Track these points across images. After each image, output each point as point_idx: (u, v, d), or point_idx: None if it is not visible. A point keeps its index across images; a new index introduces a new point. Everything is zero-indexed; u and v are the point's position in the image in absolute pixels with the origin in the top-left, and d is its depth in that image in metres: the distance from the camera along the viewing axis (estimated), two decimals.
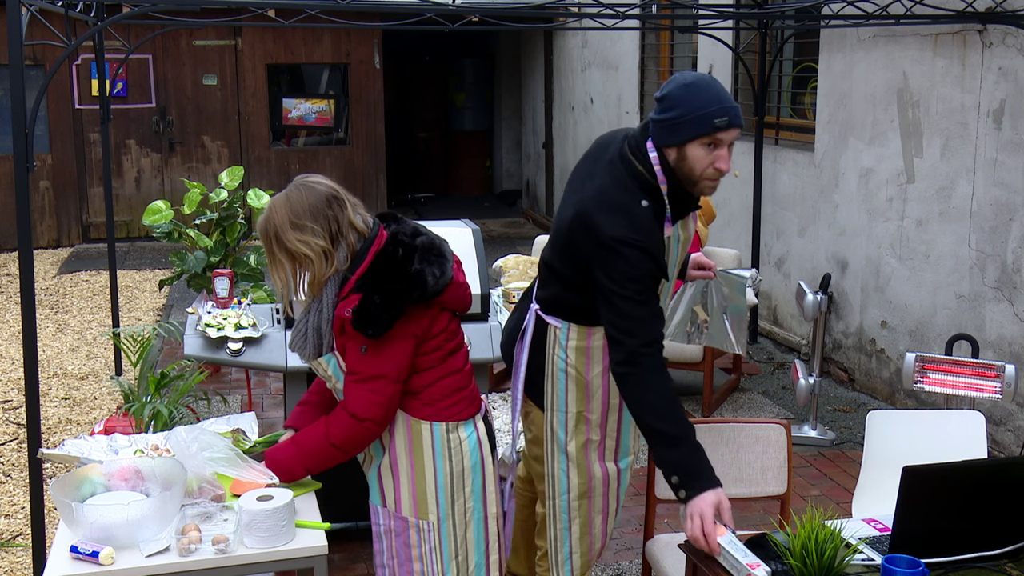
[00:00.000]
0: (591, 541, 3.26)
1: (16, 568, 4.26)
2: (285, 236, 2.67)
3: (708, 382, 5.95)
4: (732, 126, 2.80)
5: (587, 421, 3.13)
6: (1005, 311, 5.27)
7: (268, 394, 6.37)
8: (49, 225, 11.39)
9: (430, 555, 2.85)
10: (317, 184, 2.73)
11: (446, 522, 2.84)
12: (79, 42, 4.37)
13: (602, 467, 3.19)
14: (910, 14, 5.48)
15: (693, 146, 2.80)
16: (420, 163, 15.30)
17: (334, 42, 11.86)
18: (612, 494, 3.24)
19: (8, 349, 7.30)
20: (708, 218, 6.45)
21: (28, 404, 3.88)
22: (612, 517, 3.29)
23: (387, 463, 2.82)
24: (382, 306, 2.63)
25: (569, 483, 3.20)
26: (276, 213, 2.70)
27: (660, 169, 2.86)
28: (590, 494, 3.21)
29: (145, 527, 2.53)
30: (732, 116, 2.79)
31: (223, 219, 6.66)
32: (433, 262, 2.71)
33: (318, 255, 2.67)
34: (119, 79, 11.14)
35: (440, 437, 2.80)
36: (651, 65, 9.84)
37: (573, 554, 3.26)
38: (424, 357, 2.76)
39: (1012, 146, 5.19)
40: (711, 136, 2.79)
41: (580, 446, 3.16)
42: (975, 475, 2.54)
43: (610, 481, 3.22)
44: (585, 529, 3.24)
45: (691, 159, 2.82)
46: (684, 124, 2.78)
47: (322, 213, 2.68)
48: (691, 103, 2.77)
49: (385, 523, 2.86)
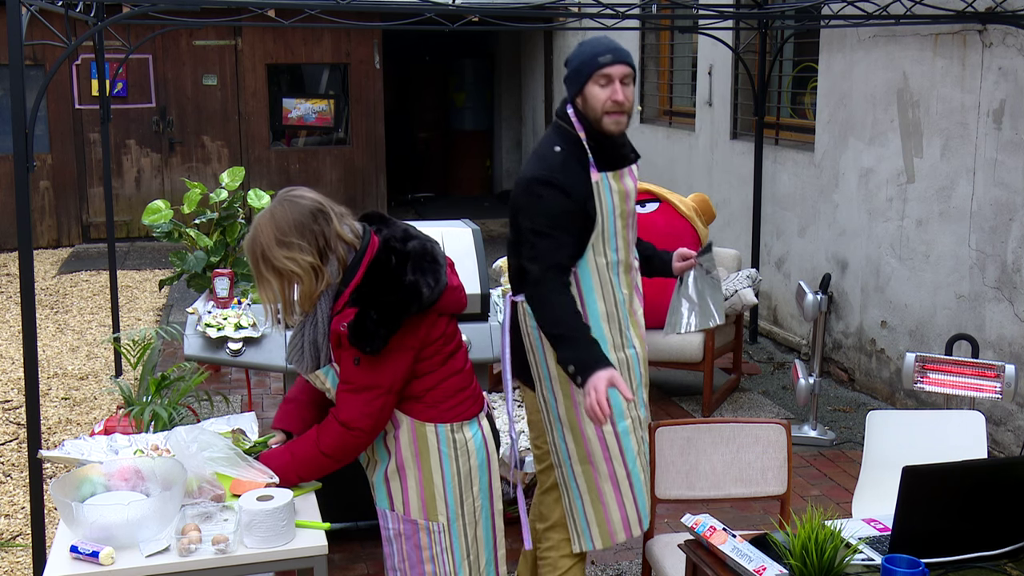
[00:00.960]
0: (605, 510, 3.30)
1: (16, 568, 4.26)
2: (272, 254, 2.63)
3: (708, 382, 5.95)
4: (617, 62, 3.12)
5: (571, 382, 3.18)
6: (1005, 311, 5.27)
7: (268, 394, 6.38)
8: (49, 225, 11.39)
9: (442, 556, 2.83)
10: (301, 199, 2.68)
11: (456, 522, 2.83)
12: (79, 42, 4.37)
13: (596, 429, 3.25)
14: (910, 14, 5.48)
15: (590, 87, 3.13)
16: (420, 163, 15.30)
17: (334, 42, 11.86)
18: (616, 459, 3.27)
19: (8, 349, 7.30)
20: (708, 218, 6.45)
21: (28, 404, 3.88)
22: (627, 484, 3.29)
23: (393, 467, 2.81)
24: (379, 321, 2.60)
25: (568, 449, 3.29)
26: (262, 231, 2.65)
27: (576, 120, 3.18)
28: (590, 459, 3.27)
29: (145, 527, 2.53)
30: (616, 54, 3.13)
31: (223, 219, 6.66)
32: (427, 270, 2.68)
33: (306, 271, 2.63)
34: (119, 79, 11.14)
35: (446, 438, 2.79)
36: (651, 65, 9.84)
37: (590, 523, 3.32)
38: (424, 362, 2.75)
39: (1012, 146, 5.19)
40: (601, 73, 3.11)
41: (570, 408, 3.25)
42: (975, 475, 2.54)
43: (608, 445, 3.26)
44: (595, 496, 3.29)
45: (591, 99, 3.14)
46: (578, 71, 3.16)
47: (308, 228, 2.64)
48: (581, 53, 3.16)
49: (394, 527, 2.85)
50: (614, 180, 3.21)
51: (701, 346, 5.91)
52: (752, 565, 2.45)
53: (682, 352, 5.94)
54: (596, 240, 3.18)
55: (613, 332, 3.26)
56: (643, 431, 3.34)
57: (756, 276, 6.08)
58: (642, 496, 3.32)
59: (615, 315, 3.26)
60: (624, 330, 3.29)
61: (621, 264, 3.26)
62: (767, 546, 2.58)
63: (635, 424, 3.30)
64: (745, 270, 6.07)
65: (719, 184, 8.24)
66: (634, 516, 3.32)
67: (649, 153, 9.69)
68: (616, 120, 3.14)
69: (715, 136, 8.30)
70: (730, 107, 8.03)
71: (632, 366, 3.31)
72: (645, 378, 3.37)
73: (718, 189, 8.23)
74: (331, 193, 3.81)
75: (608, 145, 3.20)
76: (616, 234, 3.23)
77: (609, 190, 3.20)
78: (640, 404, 3.33)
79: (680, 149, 9.01)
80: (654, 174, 9.37)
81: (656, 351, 6.01)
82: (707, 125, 8.43)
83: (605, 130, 3.15)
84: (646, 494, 3.33)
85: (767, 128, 7.51)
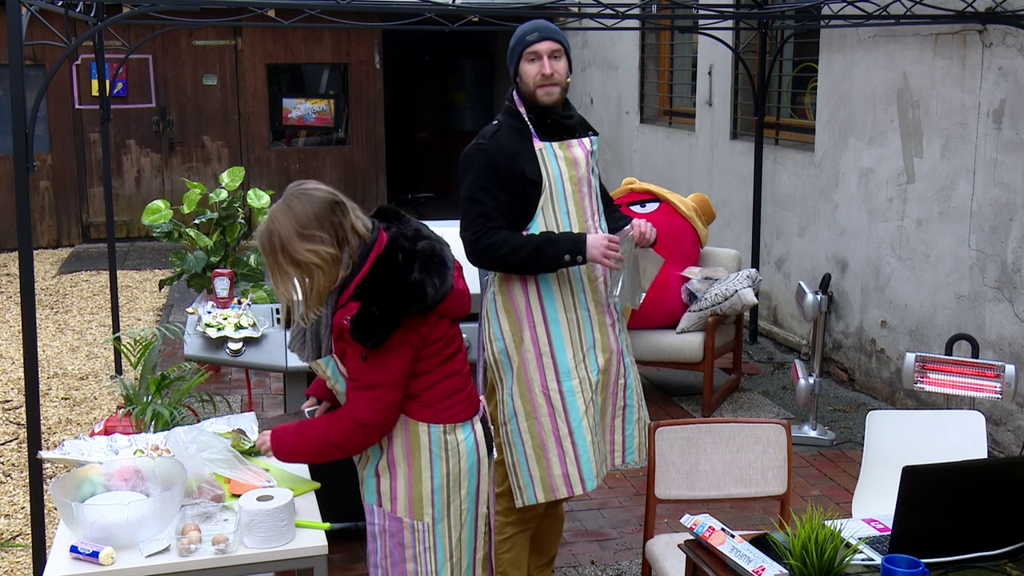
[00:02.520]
0: (548, 465, 3.42)
1: (16, 568, 4.26)
2: (293, 247, 2.62)
3: (708, 382, 5.95)
4: (543, 39, 3.39)
5: (521, 340, 3.41)
6: (1005, 311, 5.27)
7: (268, 394, 6.37)
8: (49, 225, 11.39)
9: (424, 555, 2.84)
10: (315, 191, 2.69)
11: (441, 523, 2.83)
12: (79, 42, 4.37)
13: (543, 386, 3.40)
14: (910, 14, 5.48)
15: (522, 65, 3.42)
16: (420, 163, 15.30)
17: (334, 42, 11.86)
18: (560, 417, 3.41)
19: (8, 349, 7.30)
20: (708, 218, 6.45)
21: (28, 404, 3.88)
22: (570, 442, 3.41)
23: (384, 463, 2.82)
24: (380, 317, 2.61)
25: (515, 405, 3.43)
26: (280, 224, 2.64)
27: (517, 97, 3.46)
28: (535, 414, 3.41)
29: (145, 527, 2.53)
30: (542, 31, 3.41)
31: (223, 219, 6.66)
32: (433, 271, 2.68)
33: (327, 263, 2.63)
34: (119, 79, 11.14)
35: (438, 439, 2.80)
36: (651, 65, 9.84)
37: (533, 478, 3.44)
38: (423, 362, 2.75)
39: (1012, 146, 5.19)
40: (529, 51, 3.39)
41: (520, 365, 3.41)
42: (975, 475, 2.54)
43: (554, 403, 3.40)
44: (540, 451, 3.42)
45: (524, 75, 3.42)
46: (511, 52, 3.45)
47: (327, 220, 2.64)
48: (515, 35, 3.45)
49: (380, 523, 2.86)
50: (559, 148, 3.44)
51: (701, 346, 5.91)
52: (751, 566, 2.45)
53: (682, 352, 5.94)
54: (545, 203, 3.41)
55: (565, 297, 3.44)
56: (593, 393, 3.45)
57: (756, 276, 6.08)
58: (586, 456, 3.43)
59: (566, 278, 3.44)
60: (576, 293, 3.45)
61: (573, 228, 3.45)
62: (767, 546, 2.58)
63: (583, 385, 3.43)
64: (745, 270, 6.07)
65: (719, 184, 8.24)
66: (575, 474, 3.42)
67: (649, 153, 9.69)
68: (548, 91, 3.39)
69: (715, 136, 8.30)
70: (730, 107, 8.03)
71: (583, 327, 3.46)
72: (601, 342, 3.49)
73: (718, 189, 8.24)
74: None
75: (549, 117, 3.44)
76: (567, 199, 3.45)
77: (554, 156, 3.42)
78: (593, 367, 3.46)
79: (680, 149, 9.01)
80: (654, 174, 9.37)
81: (656, 351, 6.01)
82: (707, 125, 8.43)
83: (540, 102, 3.40)
84: (592, 456, 3.43)
85: (767, 128, 7.51)
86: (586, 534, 4.57)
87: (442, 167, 15.34)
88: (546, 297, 3.41)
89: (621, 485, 5.08)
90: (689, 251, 6.28)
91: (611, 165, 10.51)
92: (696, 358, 5.92)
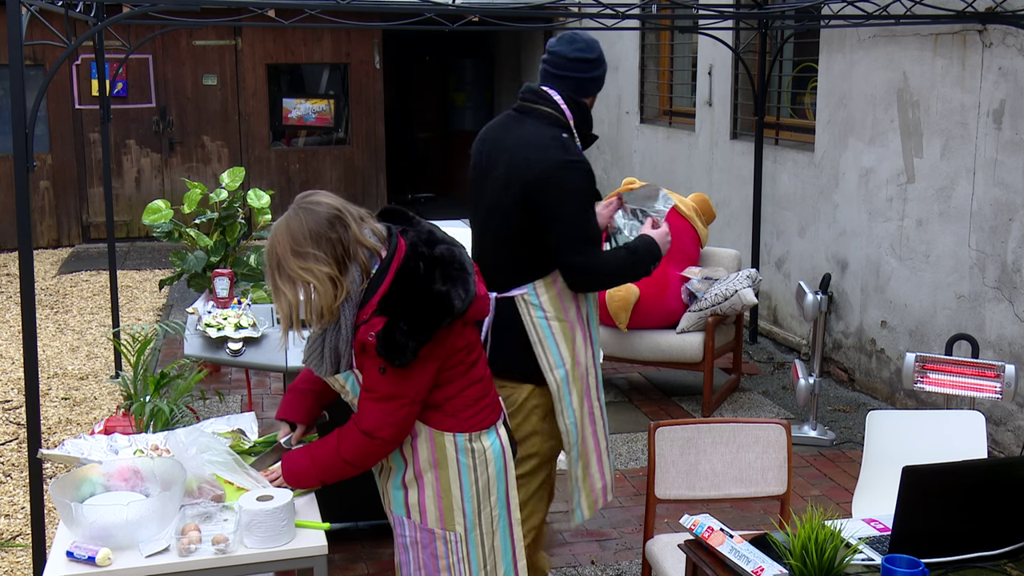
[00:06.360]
0: (591, 481, 3.55)
1: (16, 568, 4.26)
2: (287, 265, 2.56)
3: (708, 382, 5.95)
4: None
5: (577, 363, 3.41)
6: (1005, 311, 5.27)
7: (268, 394, 6.37)
8: (49, 225, 11.39)
9: (458, 566, 2.80)
10: (316, 206, 2.60)
11: (473, 532, 2.79)
12: (79, 42, 4.36)
13: (588, 404, 3.47)
14: (910, 14, 5.48)
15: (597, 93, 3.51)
16: (420, 163, 15.30)
17: (334, 42, 11.86)
18: (600, 432, 3.55)
19: (8, 349, 7.30)
20: (708, 218, 6.45)
21: (28, 404, 3.88)
22: (605, 454, 3.58)
23: (411, 475, 2.77)
24: (409, 333, 2.53)
25: (577, 433, 3.46)
26: (278, 241, 2.58)
27: (567, 108, 3.39)
28: (583, 434, 3.48)
29: (145, 527, 2.53)
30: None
31: (223, 219, 6.66)
32: (457, 280, 2.61)
33: (322, 282, 2.55)
34: (119, 79, 11.14)
35: (464, 448, 2.75)
36: (651, 65, 9.84)
37: (582, 497, 3.55)
38: (447, 372, 2.69)
39: (1012, 146, 5.19)
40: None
41: (581, 393, 3.43)
42: (975, 475, 2.54)
43: (596, 420, 3.53)
44: (587, 470, 3.53)
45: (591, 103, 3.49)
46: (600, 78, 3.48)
47: (324, 237, 2.56)
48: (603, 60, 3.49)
49: (411, 535, 2.81)
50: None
51: (701, 346, 5.91)
52: (750, 566, 2.45)
53: (682, 352, 5.94)
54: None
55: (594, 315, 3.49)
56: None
57: (756, 276, 6.08)
58: (609, 466, 3.62)
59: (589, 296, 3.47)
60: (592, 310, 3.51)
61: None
62: (767, 546, 2.58)
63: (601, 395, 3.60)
64: (745, 270, 6.07)
65: (719, 184, 8.24)
66: (609, 483, 3.61)
67: (649, 153, 9.69)
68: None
69: (715, 136, 8.30)
70: (730, 107, 8.03)
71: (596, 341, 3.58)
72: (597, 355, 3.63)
73: (718, 189, 8.23)
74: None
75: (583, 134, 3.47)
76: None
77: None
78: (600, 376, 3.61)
79: (680, 149, 9.01)
80: (654, 174, 9.37)
81: (656, 351, 6.01)
82: (707, 125, 8.43)
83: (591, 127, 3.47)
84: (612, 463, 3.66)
85: (767, 128, 7.51)
86: (586, 534, 4.57)
87: (442, 167, 15.35)
88: (592, 317, 3.46)
89: (621, 485, 5.08)
90: (689, 251, 6.28)
91: (611, 165, 10.51)
92: (696, 358, 5.92)
